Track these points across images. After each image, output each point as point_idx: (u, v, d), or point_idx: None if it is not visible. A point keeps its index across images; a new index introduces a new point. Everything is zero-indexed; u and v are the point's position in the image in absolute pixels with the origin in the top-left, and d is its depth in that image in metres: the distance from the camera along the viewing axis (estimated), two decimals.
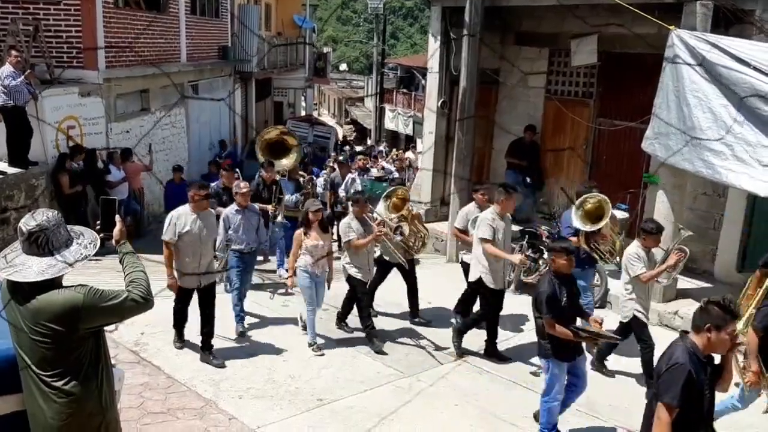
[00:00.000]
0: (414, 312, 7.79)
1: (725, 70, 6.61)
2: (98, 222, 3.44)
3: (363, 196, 7.21)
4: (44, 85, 10.24)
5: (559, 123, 11.08)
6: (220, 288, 7.11)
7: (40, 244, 2.99)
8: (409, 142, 30.24)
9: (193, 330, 6.55)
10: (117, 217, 3.41)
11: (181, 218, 6.08)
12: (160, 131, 14.12)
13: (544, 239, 8.82)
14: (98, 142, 11.44)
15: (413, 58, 38.60)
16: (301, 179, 10.60)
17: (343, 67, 52.20)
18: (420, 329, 7.62)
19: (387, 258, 7.46)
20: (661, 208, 7.88)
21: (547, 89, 11.30)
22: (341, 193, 10.48)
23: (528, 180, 10.98)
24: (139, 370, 6.06)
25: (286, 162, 9.89)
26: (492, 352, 6.89)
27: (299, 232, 6.72)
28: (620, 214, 8.92)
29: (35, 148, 9.72)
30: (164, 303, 7.17)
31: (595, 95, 10.65)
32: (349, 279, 7.02)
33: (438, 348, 7.11)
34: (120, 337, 6.56)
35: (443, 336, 7.25)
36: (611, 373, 6.70)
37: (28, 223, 3.01)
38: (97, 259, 8.00)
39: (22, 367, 3.03)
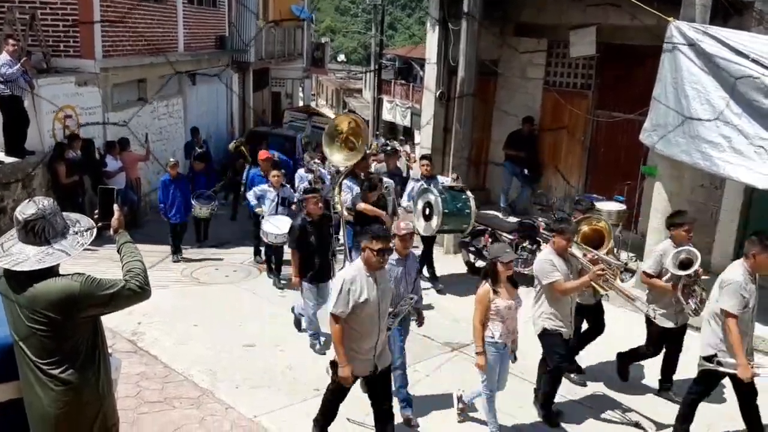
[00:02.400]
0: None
1: (724, 62, 6.59)
2: (96, 212, 3.44)
3: (570, 226, 5.49)
4: (41, 74, 10.20)
5: (557, 114, 11.06)
6: None
7: (36, 232, 2.99)
8: (407, 133, 30.23)
9: (194, 329, 6.54)
10: (115, 207, 3.41)
11: (356, 283, 4.50)
12: (158, 121, 14.08)
13: (541, 231, 8.81)
14: (95, 132, 11.40)
15: (411, 48, 38.46)
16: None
17: (341, 57, 52.03)
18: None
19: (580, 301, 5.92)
20: (658, 200, 7.88)
21: (546, 80, 11.27)
22: (404, 202, 8.64)
23: (526, 171, 10.99)
24: (136, 359, 6.08)
25: (339, 157, 8.20)
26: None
27: (485, 289, 4.98)
28: (616, 207, 8.95)
29: (32, 138, 9.70)
30: (162, 293, 7.19)
31: (593, 87, 10.62)
32: (544, 335, 5.42)
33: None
34: (117, 326, 6.57)
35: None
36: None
37: (24, 211, 3.01)
38: (94, 249, 8.00)
39: (19, 352, 3.04)
